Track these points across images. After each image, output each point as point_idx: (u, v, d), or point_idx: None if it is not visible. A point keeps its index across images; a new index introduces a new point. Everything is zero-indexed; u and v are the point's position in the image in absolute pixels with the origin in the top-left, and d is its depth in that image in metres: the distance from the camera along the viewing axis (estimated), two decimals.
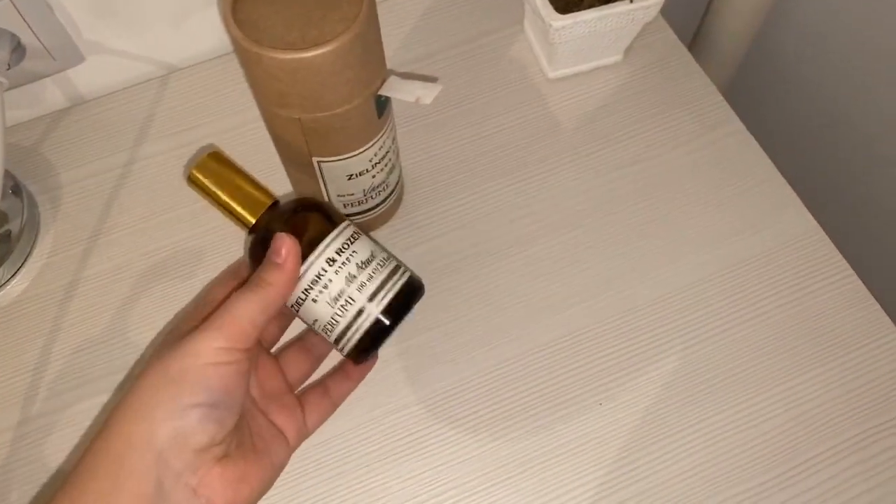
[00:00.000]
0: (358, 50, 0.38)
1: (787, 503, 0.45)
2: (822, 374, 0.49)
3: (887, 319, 0.50)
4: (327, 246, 0.40)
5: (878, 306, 0.51)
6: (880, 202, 0.71)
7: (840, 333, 0.50)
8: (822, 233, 0.54)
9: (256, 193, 0.41)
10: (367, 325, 0.40)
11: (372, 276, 0.40)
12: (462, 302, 0.52)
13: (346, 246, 0.40)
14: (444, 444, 0.48)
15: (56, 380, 0.50)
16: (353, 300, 0.39)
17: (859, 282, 0.52)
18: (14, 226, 0.54)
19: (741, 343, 0.50)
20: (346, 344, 0.40)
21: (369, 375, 0.45)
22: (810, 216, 0.54)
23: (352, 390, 0.44)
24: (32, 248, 0.55)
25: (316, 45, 0.37)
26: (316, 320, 0.40)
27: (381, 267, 0.41)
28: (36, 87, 0.58)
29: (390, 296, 0.40)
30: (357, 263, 0.40)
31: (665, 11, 0.59)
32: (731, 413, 0.48)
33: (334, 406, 0.43)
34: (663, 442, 0.47)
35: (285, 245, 0.37)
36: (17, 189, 0.55)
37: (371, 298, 0.40)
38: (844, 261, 0.52)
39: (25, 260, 0.55)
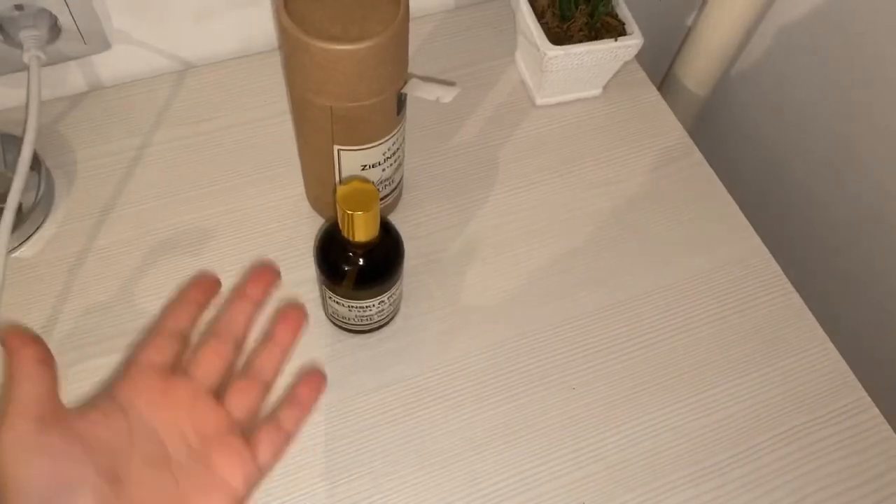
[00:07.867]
0: (392, 48, 0.44)
1: (725, 486, 0.51)
2: (762, 376, 0.56)
3: (821, 330, 0.58)
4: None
5: (813, 319, 0.58)
6: (818, 229, 0.80)
7: (779, 341, 0.57)
8: (769, 254, 0.61)
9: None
10: None
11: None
12: (448, 292, 0.57)
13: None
14: (434, 415, 0.52)
15: (64, 339, 0.53)
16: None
17: (798, 297, 0.59)
18: (29, 196, 0.57)
19: (693, 346, 0.56)
20: None
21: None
22: (758, 239, 0.62)
23: (305, 417, 0.40)
24: (45, 218, 0.58)
25: (359, 39, 0.42)
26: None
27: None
28: (60, 68, 0.61)
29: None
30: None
31: (639, 55, 0.66)
32: (682, 405, 0.54)
33: (289, 437, 0.39)
34: (628, 425, 0.53)
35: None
36: (35, 162, 0.58)
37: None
38: (786, 279, 0.60)
39: (38, 228, 0.57)
